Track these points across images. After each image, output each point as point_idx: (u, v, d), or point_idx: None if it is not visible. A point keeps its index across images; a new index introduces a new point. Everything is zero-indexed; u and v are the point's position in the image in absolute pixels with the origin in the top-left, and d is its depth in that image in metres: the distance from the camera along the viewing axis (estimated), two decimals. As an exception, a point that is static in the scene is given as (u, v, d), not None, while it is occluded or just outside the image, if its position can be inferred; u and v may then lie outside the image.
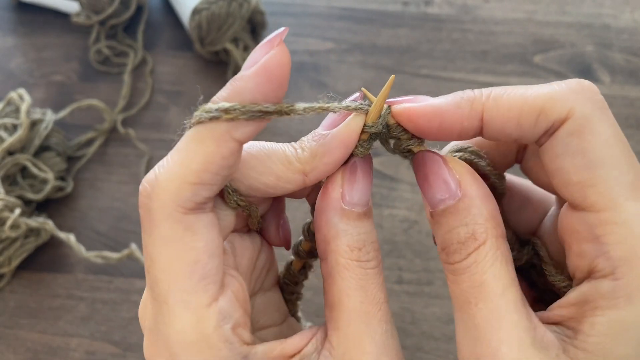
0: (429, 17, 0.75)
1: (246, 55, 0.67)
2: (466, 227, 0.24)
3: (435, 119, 0.25)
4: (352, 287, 0.25)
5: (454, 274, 0.24)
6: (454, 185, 0.25)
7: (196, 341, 0.23)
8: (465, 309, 0.24)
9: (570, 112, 0.23)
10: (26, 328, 0.56)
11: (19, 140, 0.58)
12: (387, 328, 0.25)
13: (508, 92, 0.24)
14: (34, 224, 0.56)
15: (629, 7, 0.75)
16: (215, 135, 0.22)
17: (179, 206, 0.23)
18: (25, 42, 0.74)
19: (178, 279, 0.23)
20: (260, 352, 0.25)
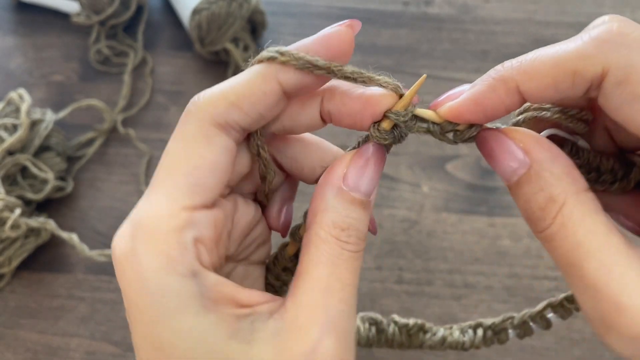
0: (429, 17, 0.75)
1: (246, 55, 0.67)
2: (542, 192, 0.24)
3: (478, 109, 0.25)
4: (323, 259, 0.25)
5: (547, 241, 0.24)
6: (520, 154, 0.25)
7: (154, 228, 0.24)
8: (572, 273, 0.23)
9: (606, 66, 0.23)
10: (26, 328, 0.56)
11: (19, 140, 0.58)
12: (344, 310, 0.24)
13: (537, 58, 0.24)
14: (34, 224, 0.56)
15: (629, 7, 0.75)
16: (264, 72, 0.25)
17: (210, 116, 0.25)
18: (25, 42, 0.74)
19: (174, 172, 0.25)
20: (212, 280, 0.24)
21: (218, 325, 0.23)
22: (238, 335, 0.24)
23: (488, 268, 0.57)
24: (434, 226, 0.60)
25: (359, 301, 0.55)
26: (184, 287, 0.23)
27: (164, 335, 0.23)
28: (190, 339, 0.23)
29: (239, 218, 0.29)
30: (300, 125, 0.28)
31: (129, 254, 0.24)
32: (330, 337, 0.24)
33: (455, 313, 0.55)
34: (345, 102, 0.27)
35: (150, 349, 0.24)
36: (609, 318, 0.22)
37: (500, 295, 0.56)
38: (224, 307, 0.24)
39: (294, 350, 0.23)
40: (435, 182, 0.62)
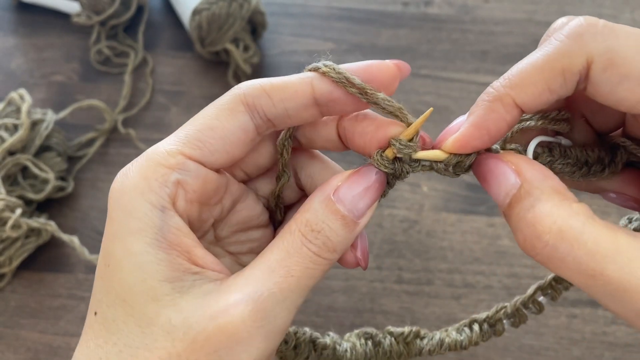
0: (429, 17, 0.75)
1: (246, 56, 0.67)
2: (533, 209, 0.24)
3: (483, 133, 0.26)
4: (280, 247, 0.26)
5: (551, 262, 0.24)
6: (512, 175, 0.25)
7: (150, 158, 0.26)
8: (594, 282, 0.23)
9: (589, 57, 0.24)
10: (27, 328, 0.56)
11: (19, 140, 0.58)
12: (276, 294, 0.25)
13: (524, 69, 0.25)
14: (35, 224, 0.56)
15: (629, 7, 0.75)
16: (301, 75, 0.28)
17: (243, 94, 0.27)
18: (26, 43, 0.74)
19: (191, 124, 0.27)
20: (175, 223, 0.26)
21: (162, 265, 0.25)
22: (175, 283, 0.25)
23: (487, 268, 0.57)
24: (434, 226, 0.60)
25: (359, 301, 0.55)
26: (148, 215, 0.25)
27: (116, 252, 0.25)
28: (133, 264, 0.25)
29: (242, 207, 0.31)
30: (319, 137, 0.30)
31: (124, 172, 0.26)
32: (247, 306, 0.24)
33: (455, 313, 0.55)
34: (360, 120, 0.28)
35: (102, 264, 0.26)
36: None
37: (500, 295, 0.56)
38: (176, 254, 0.25)
39: (210, 307, 0.24)
40: (435, 182, 0.62)
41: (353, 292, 0.56)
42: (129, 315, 0.25)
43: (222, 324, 0.24)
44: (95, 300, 0.26)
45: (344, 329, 0.54)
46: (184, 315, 0.24)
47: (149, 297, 0.25)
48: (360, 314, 0.55)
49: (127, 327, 0.25)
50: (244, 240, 0.32)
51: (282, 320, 0.25)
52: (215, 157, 0.27)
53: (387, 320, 0.55)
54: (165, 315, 0.24)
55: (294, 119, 0.28)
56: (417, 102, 0.67)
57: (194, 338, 0.24)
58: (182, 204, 0.26)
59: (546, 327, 0.54)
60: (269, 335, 0.25)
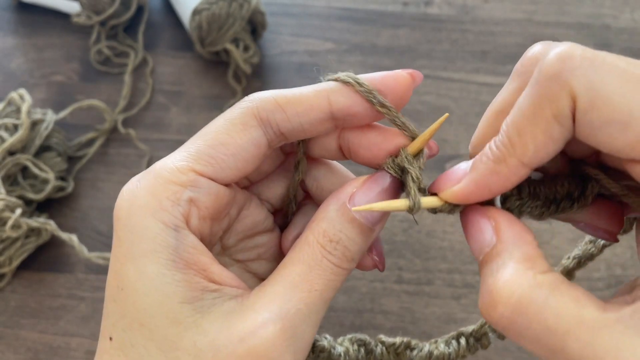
0: (429, 17, 0.75)
1: (246, 56, 0.67)
2: (493, 279, 0.23)
3: (485, 193, 0.25)
4: (301, 260, 0.25)
5: (509, 333, 0.22)
6: (489, 233, 0.24)
7: (160, 175, 0.25)
8: (555, 358, 0.21)
9: (573, 96, 0.22)
10: (27, 328, 0.56)
11: (19, 140, 0.58)
12: (302, 310, 0.24)
13: (519, 125, 0.23)
14: (35, 224, 0.56)
15: (629, 7, 0.75)
16: (317, 88, 0.27)
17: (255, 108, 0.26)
18: (26, 43, 0.74)
19: (202, 139, 0.26)
20: (191, 242, 0.25)
21: (180, 286, 0.24)
22: (195, 304, 0.24)
23: (488, 268, 0.57)
24: (434, 226, 0.60)
25: (359, 301, 0.55)
26: (161, 235, 0.24)
27: (129, 274, 0.24)
28: (149, 286, 0.24)
29: (247, 214, 0.30)
30: (318, 147, 0.29)
31: (131, 190, 0.26)
32: (276, 326, 0.24)
33: (455, 313, 0.55)
34: (365, 134, 0.28)
35: (114, 286, 0.25)
36: None
37: (500, 295, 0.56)
38: (193, 273, 0.25)
39: (237, 328, 0.24)
40: (435, 182, 0.62)
41: (353, 292, 0.56)
42: (149, 340, 0.24)
43: (252, 345, 0.23)
44: (108, 324, 0.25)
45: (344, 329, 0.54)
46: (210, 337, 0.23)
47: (169, 320, 0.24)
48: (360, 314, 0.55)
49: (148, 352, 0.24)
50: (251, 247, 0.31)
51: (308, 335, 0.25)
52: (227, 173, 0.26)
53: (387, 320, 0.55)
54: (189, 338, 0.24)
55: (308, 133, 0.27)
56: (417, 102, 0.67)
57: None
58: (196, 222, 0.26)
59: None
60: (297, 352, 0.24)
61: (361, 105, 0.27)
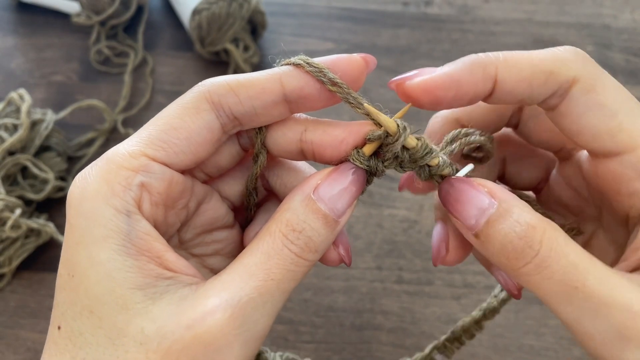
0: (429, 17, 0.75)
1: (246, 56, 0.67)
2: (518, 224, 0.24)
3: (452, 86, 0.26)
4: (260, 249, 0.25)
5: (538, 271, 0.24)
6: (486, 197, 0.25)
7: (112, 161, 0.25)
8: (573, 296, 0.23)
9: (577, 74, 0.25)
10: (27, 328, 0.56)
11: (19, 140, 0.58)
12: (255, 299, 0.24)
13: (517, 56, 0.26)
14: (35, 225, 0.56)
15: (629, 7, 0.75)
16: (269, 71, 0.27)
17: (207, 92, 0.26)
18: (26, 43, 0.74)
19: (154, 125, 0.26)
20: (143, 228, 0.25)
21: (131, 272, 0.24)
22: (147, 290, 0.24)
23: (488, 268, 0.57)
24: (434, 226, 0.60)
25: (359, 301, 0.55)
26: (113, 220, 0.24)
27: (80, 261, 0.24)
28: (100, 273, 0.23)
29: (207, 208, 0.30)
30: (278, 148, 0.29)
31: (83, 176, 0.25)
32: (225, 313, 0.23)
33: (455, 313, 0.55)
34: (329, 132, 0.27)
35: (65, 274, 0.25)
36: (626, 328, 0.22)
37: (500, 295, 0.56)
38: (146, 260, 0.24)
39: (185, 314, 0.23)
40: (435, 182, 0.62)
41: (353, 292, 0.56)
42: (98, 327, 0.23)
43: (199, 332, 0.23)
44: (58, 313, 0.25)
45: (344, 329, 0.54)
46: (158, 324, 0.23)
47: (119, 307, 0.23)
48: (360, 314, 0.55)
49: (96, 340, 0.23)
50: (209, 242, 0.31)
51: (261, 325, 0.24)
52: (180, 158, 0.26)
53: (387, 320, 0.55)
54: (137, 324, 0.23)
55: (262, 117, 0.27)
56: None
57: (169, 348, 0.23)
58: (148, 207, 0.25)
59: (546, 327, 0.54)
60: (248, 341, 0.24)
61: (313, 87, 0.26)
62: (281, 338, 0.54)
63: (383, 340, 0.54)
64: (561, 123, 0.26)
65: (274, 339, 0.54)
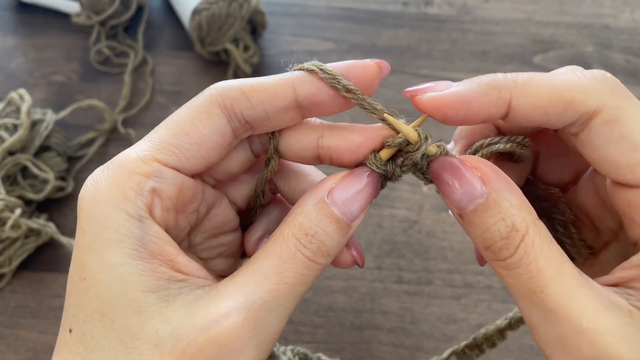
0: (429, 17, 0.75)
1: (246, 56, 0.67)
2: (504, 221, 0.24)
3: (462, 107, 0.25)
4: (273, 253, 0.25)
5: (507, 269, 0.24)
6: (478, 183, 0.24)
7: (123, 165, 0.25)
8: (531, 298, 0.24)
9: (600, 104, 0.24)
10: (27, 328, 0.56)
11: (19, 140, 0.58)
12: (269, 302, 0.24)
13: (536, 80, 0.25)
14: (35, 225, 0.56)
15: (629, 7, 0.75)
16: (282, 76, 0.26)
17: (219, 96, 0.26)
18: (26, 42, 0.74)
19: (165, 128, 0.26)
20: (155, 232, 0.25)
21: (144, 275, 0.24)
22: (160, 292, 0.24)
23: (488, 268, 0.57)
24: (434, 226, 0.60)
25: (359, 301, 0.55)
26: (125, 225, 0.24)
27: (92, 264, 0.24)
28: (112, 276, 0.23)
29: (217, 213, 0.30)
30: (294, 154, 0.28)
31: (95, 180, 0.25)
32: (239, 316, 0.23)
33: (455, 313, 0.55)
34: (346, 137, 0.27)
35: (76, 277, 0.25)
36: (567, 340, 0.23)
37: (500, 295, 0.56)
38: (159, 263, 0.24)
39: (200, 316, 0.23)
40: (435, 182, 0.62)
41: (353, 292, 0.56)
42: (110, 330, 0.23)
43: (214, 335, 0.23)
44: (69, 315, 0.25)
45: (344, 329, 0.54)
46: (173, 325, 0.23)
47: (132, 310, 0.23)
48: (360, 314, 0.55)
49: (109, 343, 0.23)
50: (215, 246, 0.31)
51: (274, 328, 0.25)
52: (192, 162, 0.26)
53: (387, 320, 0.55)
54: (151, 327, 0.23)
55: (274, 121, 0.27)
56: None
57: (184, 350, 0.23)
58: (159, 212, 0.25)
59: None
60: (261, 344, 0.24)
61: (326, 93, 0.26)
62: (281, 338, 0.54)
63: (383, 340, 0.54)
64: (582, 150, 0.26)
65: (274, 339, 0.54)
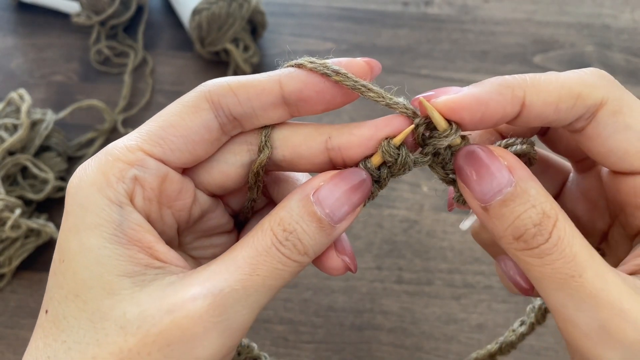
0: (429, 17, 0.75)
1: (246, 56, 0.67)
2: (534, 209, 0.24)
3: (479, 109, 0.25)
4: (249, 244, 0.25)
5: (540, 256, 0.24)
6: (506, 172, 0.25)
7: (109, 154, 0.26)
8: (568, 285, 0.23)
9: (605, 96, 0.25)
10: (26, 328, 0.56)
11: (19, 140, 0.58)
12: (238, 291, 0.24)
13: (544, 78, 0.26)
14: (34, 225, 0.56)
15: (629, 7, 0.75)
16: (269, 73, 0.27)
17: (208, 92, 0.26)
18: (26, 43, 0.74)
19: (154, 121, 0.26)
20: (135, 219, 0.25)
21: (120, 260, 0.24)
22: (135, 277, 0.24)
23: (488, 268, 0.57)
24: (434, 226, 0.60)
25: (359, 301, 0.55)
26: (105, 210, 0.24)
27: (71, 246, 0.24)
28: (90, 259, 0.24)
29: (212, 217, 0.30)
30: (305, 161, 0.28)
31: (83, 167, 0.26)
32: (205, 301, 0.23)
33: (455, 313, 0.55)
34: (354, 132, 0.27)
35: (57, 259, 0.25)
36: (609, 324, 0.23)
37: (500, 295, 0.56)
38: (137, 250, 0.25)
39: (167, 300, 0.24)
40: (435, 182, 0.62)
41: (353, 292, 0.56)
42: (81, 311, 0.24)
43: (178, 317, 0.23)
44: (47, 297, 0.26)
45: (344, 329, 0.54)
46: (141, 308, 0.23)
47: (105, 292, 0.24)
48: (360, 314, 0.55)
49: (78, 323, 0.24)
50: (207, 246, 0.31)
51: (242, 317, 0.24)
52: (177, 155, 0.26)
53: (387, 321, 0.55)
54: (120, 309, 0.24)
55: (261, 118, 0.27)
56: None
57: (147, 332, 0.23)
58: (140, 201, 0.26)
59: (546, 327, 0.54)
60: (226, 331, 0.24)
61: (312, 89, 0.26)
62: (281, 338, 0.54)
63: (383, 340, 0.54)
64: (587, 145, 0.26)
65: (274, 339, 0.54)
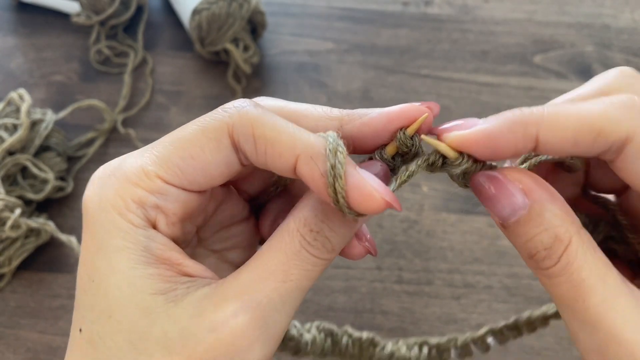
0: (429, 17, 0.75)
1: (246, 56, 0.67)
2: (547, 232, 0.24)
3: (489, 145, 0.25)
4: (279, 249, 0.25)
5: (550, 278, 0.24)
6: (520, 195, 0.24)
7: (130, 175, 0.25)
8: (573, 307, 0.24)
9: (631, 133, 0.24)
10: (26, 328, 0.56)
11: (19, 140, 0.58)
12: (274, 300, 0.24)
13: (562, 112, 0.24)
14: (34, 224, 0.56)
15: (629, 7, 0.75)
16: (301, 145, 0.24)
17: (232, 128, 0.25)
18: (26, 42, 0.74)
19: (174, 147, 0.25)
20: (160, 240, 0.25)
21: (152, 279, 0.24)
22: (168, 294, 0.24)
23: (487, 268, 0.57)
24: (434, 226, 0.60)
25: (359, 301, 0.55)
26: (130, 233, 0.24)
27: (100, 267, 0.24)
28: (121, 279, 0.24)
29: (225, 208, 0.30)
30: None
31: (100, 185, 0.25)
32: (246, 315, 0.24)
33: (455, 313, 0.55)
34: (367, 122, 0.27)
35: (86, 278, 0.25)
36: (607, 350, 0.23)
37: (500, 295, 0.56)
38: (166, 268, 0.25)
39: (207, 316, 0.24)
40: (435, 182, 0.62)
41: (353, 292, 0.56)
42: (117, 332, 0.24)
43: (222, 335, 0.23)
44: (79, 315, 0.25)
45: (344, 329, 0.54)
46: (181, 326, 0.24)
47: (140, 311, 0.24)
48: (360, 314, 0.55)
49: (116, 345, 0.24)
50: (227, 237, 0.31)
51: (281, 324, 0.25)
52: (194, 186, 0.26)
53: (387, 321, 0.55)
54: (159, 328, 0.24)
55: (273, 170, 0.26)
56: (418, 102, 0.67)
57: (193, 350, 0.23)
58: (164, 226, 0.26)
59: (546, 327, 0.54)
60: (268, 340, 0.24)
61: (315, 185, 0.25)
62: (281, 338, 0.54)
63: (383, 340, 0.54)
64: (621, 175, 0.26)
65: (273, 339, 0.54)
